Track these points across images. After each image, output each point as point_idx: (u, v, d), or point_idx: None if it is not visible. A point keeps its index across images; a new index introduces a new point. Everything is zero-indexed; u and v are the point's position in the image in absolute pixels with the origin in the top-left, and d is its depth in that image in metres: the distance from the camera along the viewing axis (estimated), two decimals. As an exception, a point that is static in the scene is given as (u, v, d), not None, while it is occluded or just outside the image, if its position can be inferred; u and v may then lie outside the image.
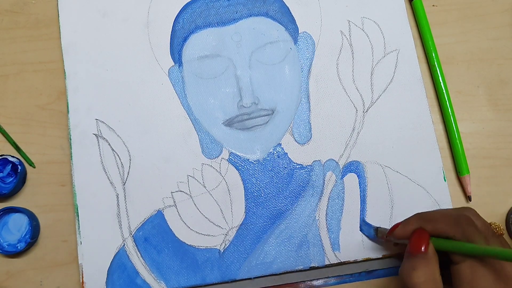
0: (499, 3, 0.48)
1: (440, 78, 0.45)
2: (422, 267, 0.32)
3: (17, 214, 0.42)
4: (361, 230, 0.42)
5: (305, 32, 0.45)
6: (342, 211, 0.42)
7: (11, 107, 0.45)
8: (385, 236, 0.38)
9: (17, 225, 0.42)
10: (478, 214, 0.35)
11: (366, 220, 0.42)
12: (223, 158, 0.43)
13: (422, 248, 0.32)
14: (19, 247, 0.41)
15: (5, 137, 0.45)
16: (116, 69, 0.44)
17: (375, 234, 0.40)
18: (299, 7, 0.46)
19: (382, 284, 0.42)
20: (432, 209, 0.41)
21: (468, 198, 0.44)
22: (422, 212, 0.36)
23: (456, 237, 0.32)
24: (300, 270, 0.41)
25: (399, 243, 0.40)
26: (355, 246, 0.41)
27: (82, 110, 0.44)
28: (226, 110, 0.44)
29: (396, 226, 0.36)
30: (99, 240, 0.41)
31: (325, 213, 0.42)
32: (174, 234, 0.41)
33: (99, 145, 0.43)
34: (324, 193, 0.42)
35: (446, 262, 0.34)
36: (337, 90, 0.44)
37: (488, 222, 0.36)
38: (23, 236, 0.42)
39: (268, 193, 0.42)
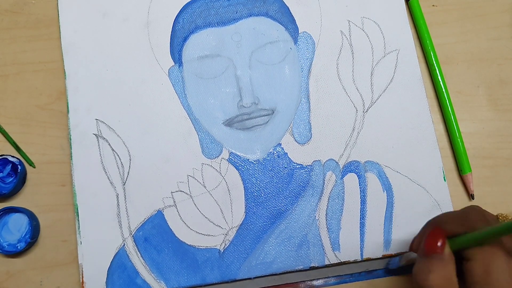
0: (499, 3, 0.48)
1: (439, 77, 0.45)
2: (439, 268, 0.30)
3: (17, 214, 0.42)
4: (389, 267, 0.42)
5: (305, 32, 0.45)
6: (342, 211, 0.42)
7: (11, 107, 0.45)
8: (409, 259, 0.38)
9: (17, 225, 0.42)
10: (483, 209, 0.33)
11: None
12: (223, 158, 0.43)
13: (438, 245, 0.31)
14: (19, 247, 0.41)
15: (5, 137, 0.45)
16: (116, 69, 0.44)
17: (399, 262, 0.40)
18: (299, 7, 0.46)
19: (382, 284, 0.42)
20: (432, 209, 0.42)
21: (471, 196, 0.44)
22: (431, 219, 0.34)
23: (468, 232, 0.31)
24: (300, 270, 0.41)
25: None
26: (355, 246, 0.41)
27: (82, 110, 0.44)
28: (226, 110, 0.44)
29: (412, 242, 0.35)
30: (99, 240, 0.41)
31: (325, 213, 0.42)
32: (174, 234, 0.41)
33: (99, 145, 0.43)
34: (324, 193, 0.42)
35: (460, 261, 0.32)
36: (337, 90, 0.44)
37: (495, 214, 0.35)
38: (23, 236, 0.42)
39: (268, 193, 0.42)
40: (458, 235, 0.31)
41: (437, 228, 0.32)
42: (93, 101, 0.44)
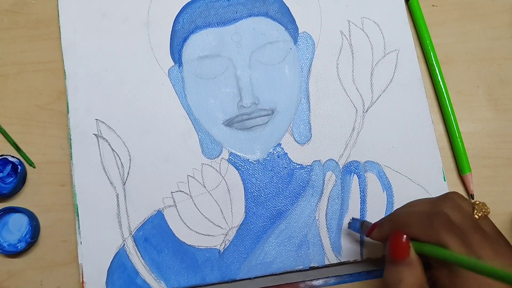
0: (499, 3, 0.48)
1: (439, 78, 0.45)
2: (407, 276, 0.30)
3: (17, 214, 0.42)
4: (349, 227, 0.40)
5: (305, 32, 0.45)
6: (342, 211, 0.42)
7: (11, 107, 0.45)
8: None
9: (17, 225, 0.42)
10: (456, 202, 0.32)
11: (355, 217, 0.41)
12: (223, 158, 0.43)
13: (403, 251, 0.30)
14: (19, 247, 0.41)
15: (5, 137, 0.45)
16: (116, 69, 0.44)
17: (360, 228, 0.38)
18: (299, 7, 0.46)
19: (382, 284, 0.42)
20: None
21: (471, 196, 0.44)
22: (395, 213, 0.34)
23: (431, 242, 0.30)
24: (300, 270, 0.41)
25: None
26: (355, 246, 0.41)
27: (82, 110, 0.44)
28: (226, 110, 0.44)
29: (372, 228, 0.34)
30: (99, 240, 0.41)
31: (325, 213, 0.42)
32: (174, 234, 0.41)
33: (99, 145, 0.43)
34: (324, 193, 0.42)
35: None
36: (337, 90, 0.44)
37: (474, 202, 0.33)
38: (23, 236, 0.42)
39: (268, 193, 0.42)
40: (420, 240, 0.31)
41: (398, 233, 0.31)
42: (93, 101, 0.44)
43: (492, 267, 0.26)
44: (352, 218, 0.40)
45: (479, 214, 0.33)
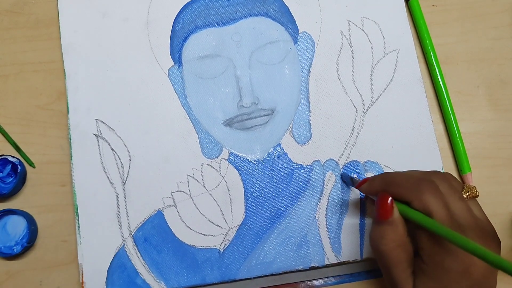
0: (499, 3, 0.48)
1: (439, 78, 0.45)
2: (389, 233, 0.33)
3: (15, 216, 0.42)
4: (341, 178, 0.42)
5: (305, 32, 0.46)
6: (342, 211, 0.42)
7: (11, 107, 0.45)
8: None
9: (15, 228, 0.42)
10: (446, 177, 0.34)
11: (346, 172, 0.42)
12: (223, 158, 0.43)
13: (387, 215, 0.33)
14: (15, 250, 0.41)
15: (5, 137, 0.45)
16: (116, 69, 0.44)
17: (352, 182, 0.40)
18: (299, 7, 0.46)
19: (382, 284, 0.42)
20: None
21: (470, 197, 0.44)
22: (388, 173, 0.36)
23: (414, 203, 0.32)
24: (300, 270, 0.41)
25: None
26: (355, 246, 0.41)
27: (82, 110, 0.44)
28: (226, 110, 0.44)
29: (364, 181, 0.37)
30: (99, 240, 0.41)
31: (325, 213, 0.42)
32: (174, 234, 0.41)
33: (99, 145, 0.43)
34: (324, 193, 0.42)
35: None
36: (337, 90, 0.44)
37: (466, 185, 0.35)
38: (20, 239, 0.41)
39: (268, 193, 0.42)
40: (405, 201, 0.33)
41: (384, 195, 0.34)
42: (93, 101, 0.44)
43: (474, 244, 0.27)
44: (343, 172, 0.42)
45: (467, 194, 0.34)
